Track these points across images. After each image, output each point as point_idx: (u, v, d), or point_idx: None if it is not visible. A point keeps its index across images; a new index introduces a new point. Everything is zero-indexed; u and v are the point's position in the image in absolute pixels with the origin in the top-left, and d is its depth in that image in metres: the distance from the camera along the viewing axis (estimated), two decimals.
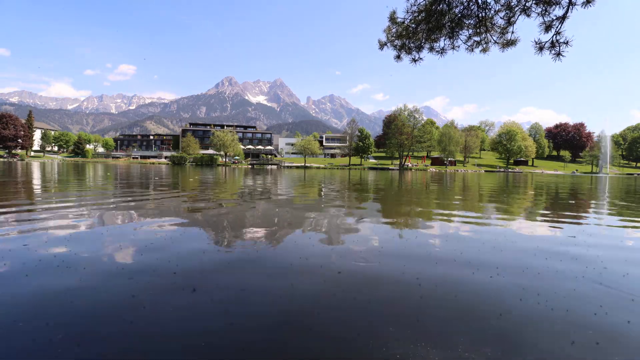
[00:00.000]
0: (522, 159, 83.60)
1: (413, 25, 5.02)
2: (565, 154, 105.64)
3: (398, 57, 5.30)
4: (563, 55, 3.70)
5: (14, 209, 5.28)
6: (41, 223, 4.21)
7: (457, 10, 4.76)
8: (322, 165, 72.55)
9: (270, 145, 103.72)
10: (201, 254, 3.02)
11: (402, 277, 2.49)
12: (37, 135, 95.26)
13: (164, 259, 2.80)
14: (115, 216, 4.94)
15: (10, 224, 4.17)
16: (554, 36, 3.72)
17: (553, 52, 3.74)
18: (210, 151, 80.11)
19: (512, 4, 4.30)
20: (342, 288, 2.27)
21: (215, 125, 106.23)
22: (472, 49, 4.74)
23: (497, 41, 4.44)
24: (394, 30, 5.05)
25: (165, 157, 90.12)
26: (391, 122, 74.38)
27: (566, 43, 3.68)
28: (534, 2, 3.97)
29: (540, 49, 3.84)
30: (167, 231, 3.91)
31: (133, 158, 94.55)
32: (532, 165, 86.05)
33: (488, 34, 4.62)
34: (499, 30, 4.51)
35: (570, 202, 9.42)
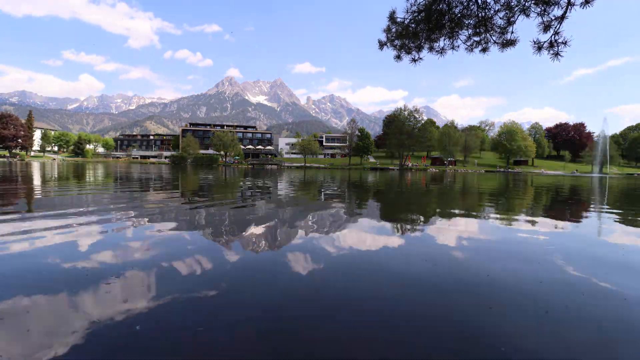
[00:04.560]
0: (522, 158, 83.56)
1: (413, 25, 5.03)
2: (565, 154, 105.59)
3: (398, 57, 5.32)
4: (561, 55, 3.72)
5: None
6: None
7: (456, 10, 4.77)
8: (322, 165, 72.52)
9: (271, 145, 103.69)
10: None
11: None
12: (37, 135, 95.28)
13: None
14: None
15: None
16: (553, 36, 3.74)
17: (551, 52, 3.76)
18: (210, 151, 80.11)
19: (512, 3, 4.31)
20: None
21: (215, 125, 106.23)
22: (472, 49, 4.76)
23: (497, 41, 4.46)
24: (393, 30, 5.07)
25: (166, 157, 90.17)
26: (391, 122, 74.39)
27: (564, 43, 3.70)
28: (533, 2, 3.99)
29: (539, 48, 3.86)
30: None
31: (133, 158, 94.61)
32: (532, 165, 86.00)
33: (488, 34, 4.64)
34: (498, 30, 4.53)
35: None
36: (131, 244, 3.27)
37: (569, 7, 3.69)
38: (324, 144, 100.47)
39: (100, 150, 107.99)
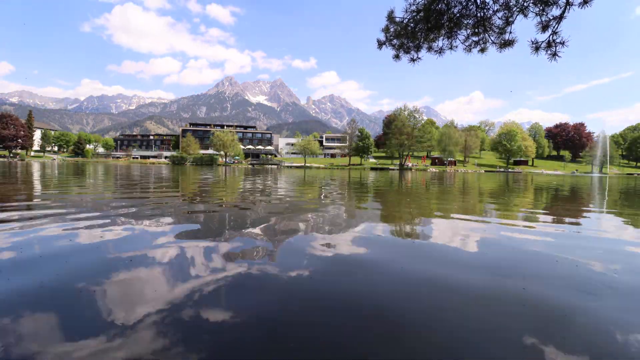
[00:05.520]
0: (522, 159, 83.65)
1: (412, 24, 5.03)
2: (565, 153, 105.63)
3: (397, 56, 5.32)
4: (559, 56, 3.71)
5: None
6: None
7: (455, 10, 4.77)
8: (322, 165, 72.54)
9: (270, 145, 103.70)
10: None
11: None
12: (37, 135, 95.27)
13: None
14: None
15: None
16: (551, 36, 3.74)
17: (549, 52, 3.75)
18: (210, 151, 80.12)
19: (511, 3, 4.31)
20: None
21: (215, 125, 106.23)
22: (470, 49, 4.75)
23: (495, 41, 4.45)
24: (392, 29, 5.07)
25: (166, 157, 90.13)
26: (391, 122, 74.40)
27: (562, 43, 3.69)
28: (531, 1, 3.99)
29: (537, 49, 3.85)
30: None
31: (133, 158, 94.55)
32: (532, 165, 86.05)
33: (486, 34, 4.63)
34: (497, 30, 4.52)
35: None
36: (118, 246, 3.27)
37: (568, 6, 3.69)
38: (324, 144, 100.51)
39: (100, 150, 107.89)
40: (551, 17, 3.69)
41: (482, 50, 4.69)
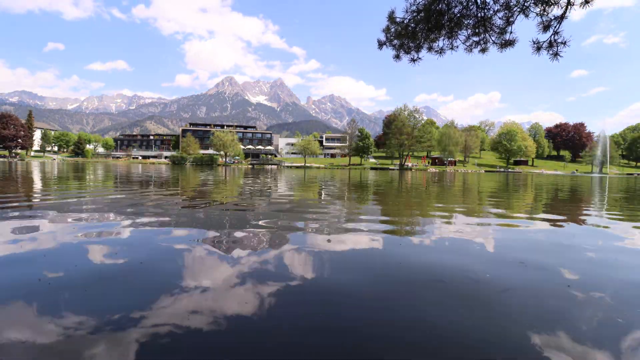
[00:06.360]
0: (522, 159, 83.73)
1: (412, 25, 5.02)
2: (566, 154, 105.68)
3: (397, 56, 5.31)
4: (560, 56, 3.70)
5: None
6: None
7: (456, 10, 4.76)
8: (322, 165, 72.58)
9: (270, 145, 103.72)
10: None
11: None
12: (37, 135, 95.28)
13: None
14: None
15: None
16: (552, 36, 3.73)
17: (551, 52, 3.74)
18: (210, 151, 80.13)
19: (511, 3, 4.30)
20: None
21: (215, 125, 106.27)
22: (471, 49, 4.74)
23: (496, 41, 4.44)
24: (392, 29, 5.06)
25: (166, 157, 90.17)
26: (391, 122, 74.46)
27: (564, 43, 3.68)
28: (532, 1, 3.98)
29: (538, 49, 3.84)
30: None
31: (133, 158, 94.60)
32: (532, 165, 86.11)
33: (487, 34, 4.62)
34: (497, 30, 4.51)
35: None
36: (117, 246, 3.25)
37: (569, 6, 3.68)
38: (324, 144, 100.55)
39: (100, 150, 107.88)
40: (552, 17, 3.69)
41: (483, 50, 4.69)
